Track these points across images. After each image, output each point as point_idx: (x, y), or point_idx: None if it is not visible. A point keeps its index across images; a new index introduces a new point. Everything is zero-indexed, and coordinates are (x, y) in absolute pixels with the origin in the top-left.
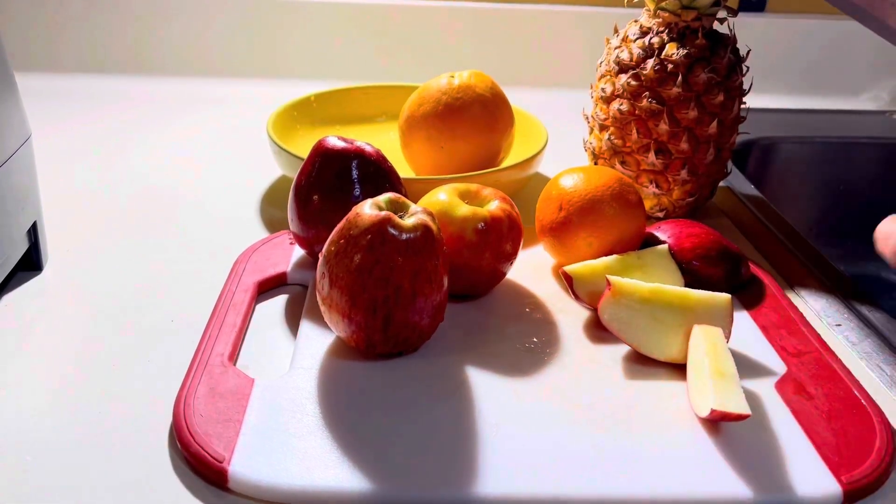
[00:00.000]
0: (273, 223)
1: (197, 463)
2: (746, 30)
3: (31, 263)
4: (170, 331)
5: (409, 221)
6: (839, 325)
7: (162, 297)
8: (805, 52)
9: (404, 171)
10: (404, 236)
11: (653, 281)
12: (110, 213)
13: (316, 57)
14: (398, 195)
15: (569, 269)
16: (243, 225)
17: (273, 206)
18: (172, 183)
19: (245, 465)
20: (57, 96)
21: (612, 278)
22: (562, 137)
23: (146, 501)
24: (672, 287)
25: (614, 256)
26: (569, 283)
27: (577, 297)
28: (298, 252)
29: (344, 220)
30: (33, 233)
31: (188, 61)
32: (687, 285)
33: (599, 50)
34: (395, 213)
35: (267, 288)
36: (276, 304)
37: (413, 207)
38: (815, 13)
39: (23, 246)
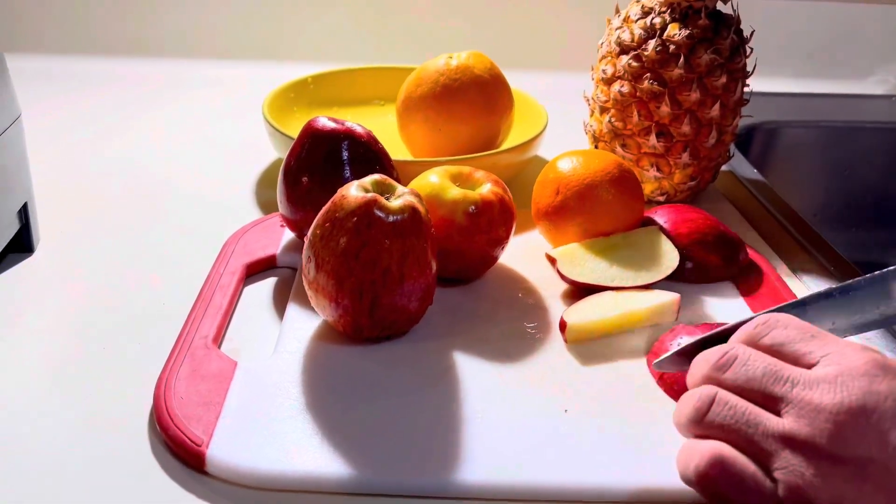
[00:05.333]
0: (268, 206)
1: (175, 446)
2: (750, 11)
3: (21, 245)
4: (160, 314)
5: (395, 203)
6: None
7: (154, 280)
8: (810, 35)
9: (402, 153)
10: (391, 218)
11: (645, 258)
12: (104, 196)
13: (313, 38)
14: (384, 176)
15: (552, 251)
16: (237, 207)
17: (268, 189)
18: (166, 165)
19: (223, 449)
20: (49, 78)
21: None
22: (562, 120)
23: (124, 483)
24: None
25: (600, 238)
26: (553, 264)
27: (563, 278)
28: (288, 234)
29: (329, 203)
30: (24, 214)
31: (183, 42)
32: (684, 271)
33: (600, 31)
34: (382, 195)
35: (256, 270)
36: (265, 287)
37: (400, 189)
38: None
39: (13, 227)
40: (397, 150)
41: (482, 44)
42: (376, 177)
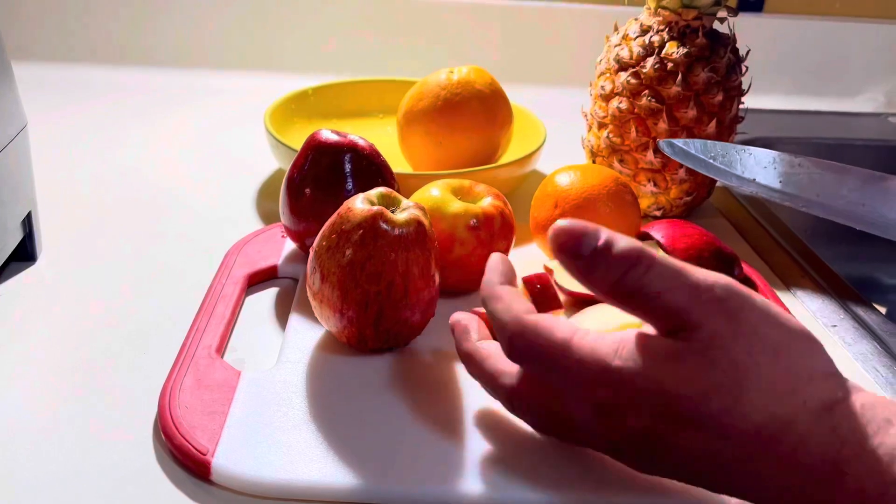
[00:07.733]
0: (269, 216)
1: (180, 455)
2: (743, 30)
3: (24, 254)
4: (164, 323)
5: (401, 216)
6: (835, 325)
7: (156, 290)
8: (802, 53)
9: (401, 166)
10: (397, 231)
11: None
12: (106, 205)
13: (314, 50)
14: (390, 190)
15: (549, 263)
16: (238, 217)
17: (269, 200)
18: (168, 175)
19: (228, 458)
20: (53, 86)
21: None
22: (560, 135)
23: (129, 492)
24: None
25: None
26: (550, 275)
27: (560, 289)
28: (290, 245)
29: (335, 215)
30: (28, 223)
31: (185, 52)
32: None
33: (599, 48)
34: (387, 208)
35: (257, 281)
36: (267, 298)
37: (405, 202)
38: (812, 14)
39: (17, 236)
40: (397, 162)
41: (480, 59)
42: (382, 190)
